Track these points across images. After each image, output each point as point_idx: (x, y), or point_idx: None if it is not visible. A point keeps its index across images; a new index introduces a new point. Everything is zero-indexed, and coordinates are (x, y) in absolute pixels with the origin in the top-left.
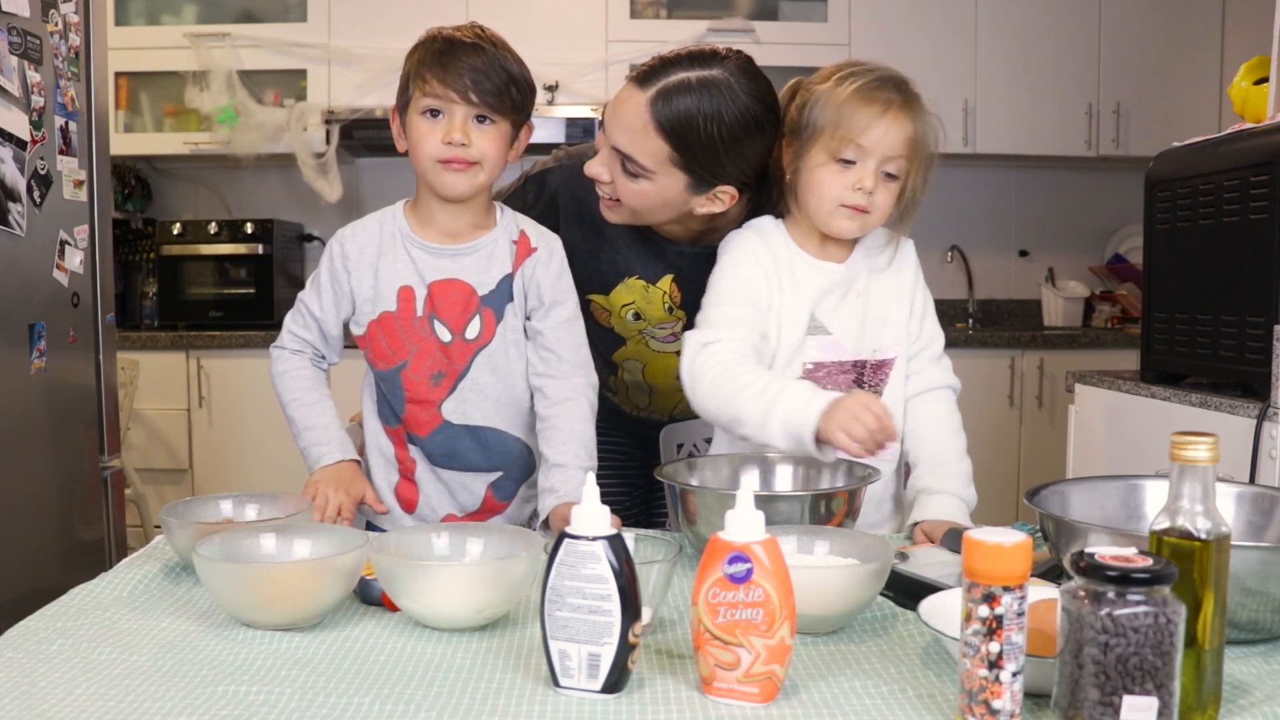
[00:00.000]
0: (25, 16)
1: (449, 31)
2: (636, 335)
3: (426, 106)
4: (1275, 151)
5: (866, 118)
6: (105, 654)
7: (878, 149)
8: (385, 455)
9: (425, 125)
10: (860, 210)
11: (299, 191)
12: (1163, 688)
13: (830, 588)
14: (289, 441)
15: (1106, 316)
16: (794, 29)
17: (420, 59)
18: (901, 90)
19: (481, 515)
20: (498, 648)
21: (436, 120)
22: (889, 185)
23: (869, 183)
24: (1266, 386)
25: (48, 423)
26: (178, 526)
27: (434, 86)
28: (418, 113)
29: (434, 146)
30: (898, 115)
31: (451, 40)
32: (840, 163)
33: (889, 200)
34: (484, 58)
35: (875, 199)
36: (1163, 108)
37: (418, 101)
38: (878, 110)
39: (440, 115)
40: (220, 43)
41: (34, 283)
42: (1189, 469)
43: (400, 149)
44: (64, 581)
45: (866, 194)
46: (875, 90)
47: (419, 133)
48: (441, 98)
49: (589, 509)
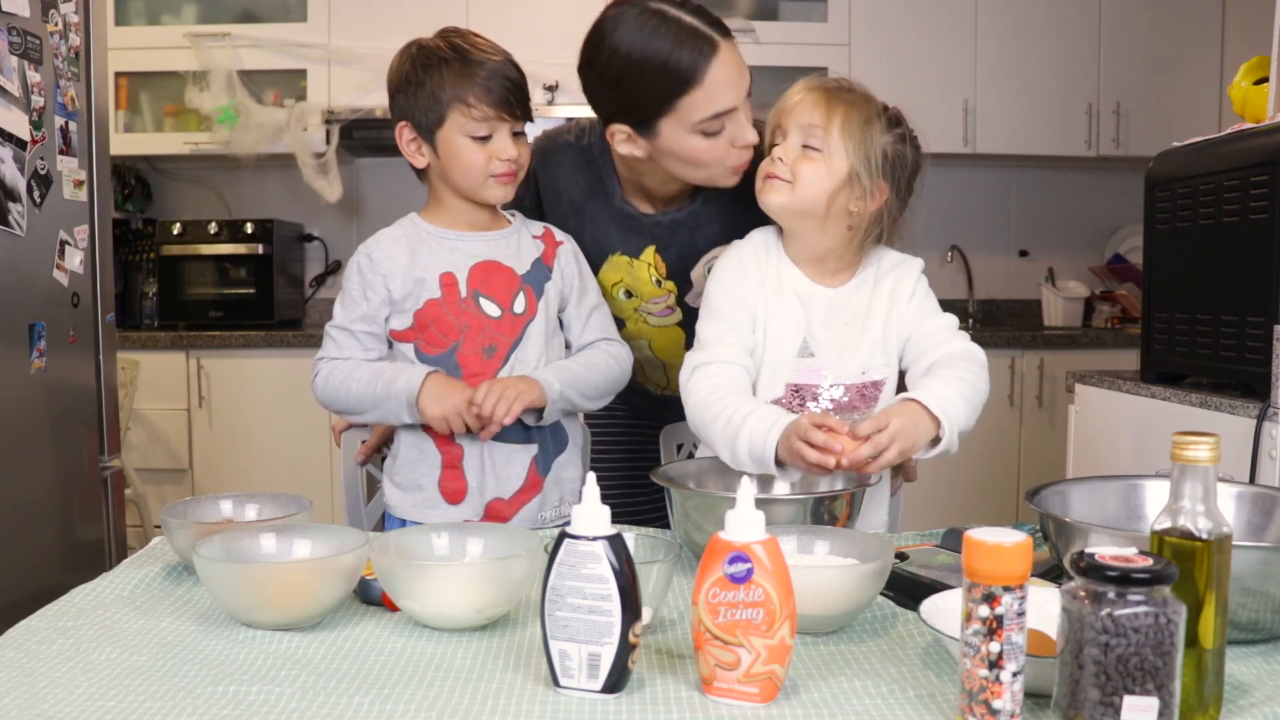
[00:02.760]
0: (25, 16)
1: (458, 43)
2: (633, 314)
3: (475, 132)
4: (1275, 151)
5: (794, 95)
6: (106, 654)
7: (794, 118)
8: (424, 452)
9: (473, 146)
10: (774, 178)
11: (299, 191)
12: (1163, 688)
13: (830, 588)
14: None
15: (1106, 316)
16: (794, 29)
17: (451, 81)
18: (840, 83)
19: (525, 495)
20: (498, 648)
21: (485, 142)
22: (813, 160)
23: (780, 151)
24: (1266, 386)
25: (48, 423)
26: (178, 526)
27: (482, 110)
28: (462, 135)
29: (488, 165)
30: (815, 92)
31: (475, 59)
32: (774, 146)
33: (815, 177)
34: (513, 72)
35: (797, 172)
36: (1163, 108)
37: (461, 124)
38: (801, 89)
39: (489, 137)
40: (220, 43)
41: (34, 283)
42: (1190, 469)
43: (418, 165)
44: (64, 581)
45: (780, 162)
46: (809, 80)
47: (468, 154)
48: (492, 119)
49: (589, 509)
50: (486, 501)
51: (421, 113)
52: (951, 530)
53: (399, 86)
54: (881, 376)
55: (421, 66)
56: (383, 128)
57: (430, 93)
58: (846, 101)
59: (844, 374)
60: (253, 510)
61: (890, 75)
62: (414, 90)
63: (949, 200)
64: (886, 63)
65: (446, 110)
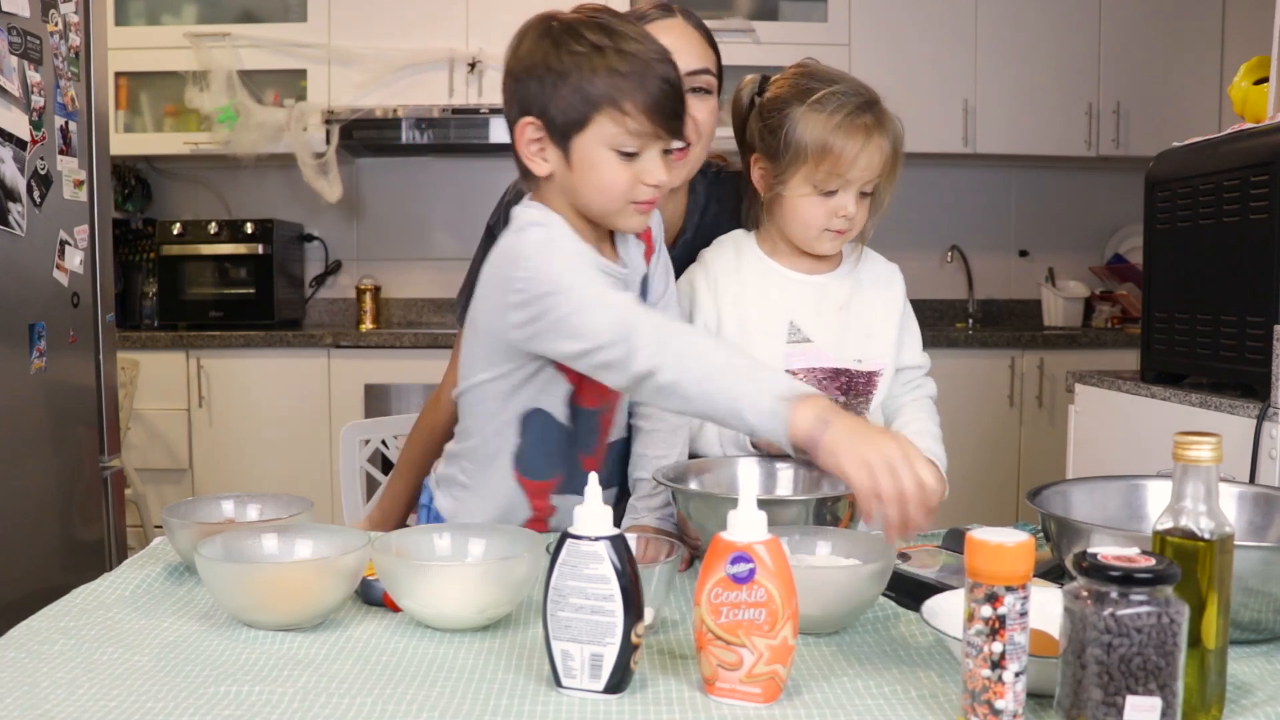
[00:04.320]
0: (25, 16)
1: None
2: None
3: (624, 146)
4: (1275, 151)
5: (852, 150)
6: (107, 654)
7: (860, 178)
8: (511, 501)
9: (617, 161)
10: (843, 232)
11: (299, 191)
12: (1166, 688)
13: (832, 588)
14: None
15: (1106, 316)
16: (794, 29)
17: (606, 77)
18: (874, 110)
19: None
20: (500, 648)
21: (632, 159)
22: (864, 202)
23: (852, 208)
24: (1266, 386)
25: (48, 423)
26: (179, 527)
27: (639, 121)
28: (607, 147)
29: (632, 189)
30: (879, 141)
31: (637, 54)
32: (824, 194)
33: (865, 215)
34: (677, 76)
35: (854, 218)
36: (1163, 108)
37: (609, 134)
38: (860, 140)
39: (638, 154)
40: (220, 43)
41: (34, 283)
42: (1192, 469)
43: (539, 171)
44: (64, 581)
45: (850, 218)
46: (855, 118)
47: (610, 172)
48: (647, 135)
49: (591, 509)
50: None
51: (560, 109)
52: (953, 530)
53: (530, 70)
54: (877, 367)
55: (567, 50)
56: (383, 127)
57: (576, 87)
58: (888, 129)
59: (842, 358)
60: (254, 510)
61: (890, 75)
62: (554, 80)
63: (949, 200)
64: (886, 63)
65: (594, 112)
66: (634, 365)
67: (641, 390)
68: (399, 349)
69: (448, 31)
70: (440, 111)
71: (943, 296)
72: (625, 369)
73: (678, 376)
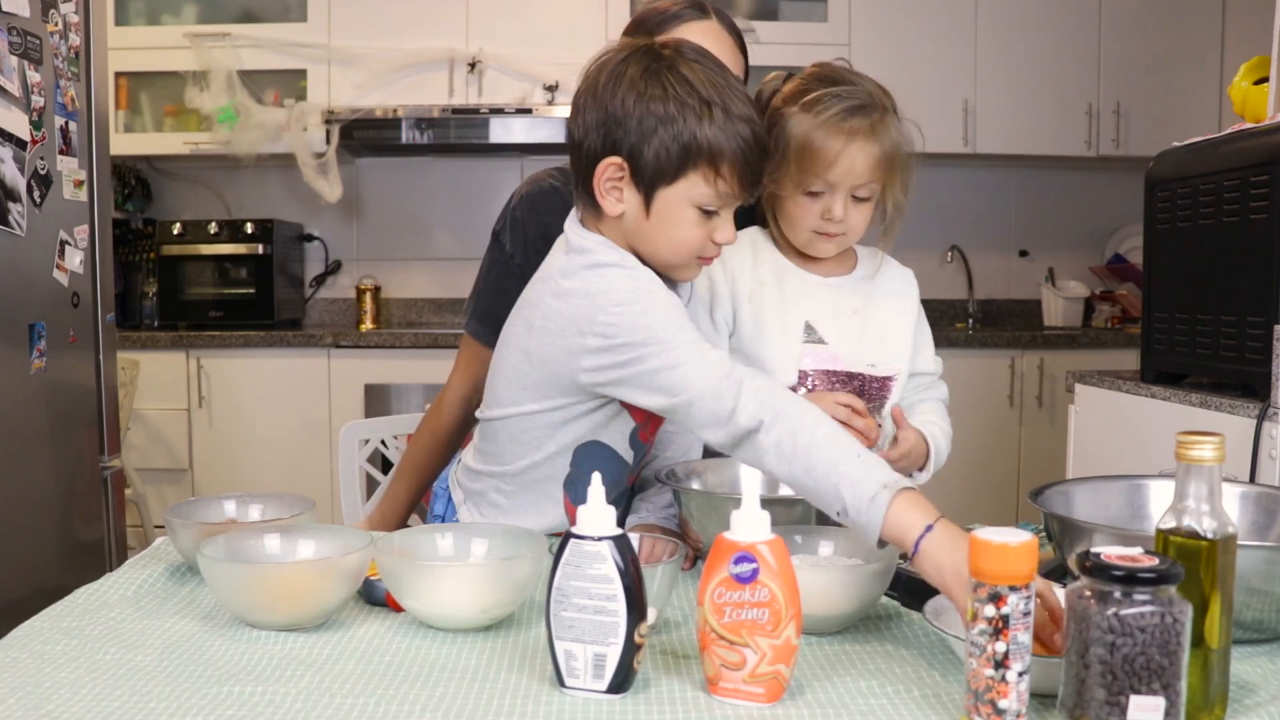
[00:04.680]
0: (25, 16)
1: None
2: None
3: (707, 204)
4: (1275, 151)
5: (831, 153)
6: (110, 654)
7: (844, 181)
8: (551, 527)
9: (697, 219)
10: (833, 235)
11: (299, 191)
12: (1169, 687)
13: (835, 588)
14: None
15: (1106, 316)
16: (794, 29)
17: (710, 137)
18: (867, 114)
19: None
20: (503, 648)
21: (710, 217)
22: (861, 206)
23: (838, 211)
24: (1267, 386)
25: (48, 423)
26: (182, 527)
27: (730, 186)
28: (691, 204)
29: (702, 246)
30: (863, 144)
31: (741, 116)
32: (810, 195)
33: (863, 218)
34: (766, 138)
35: (848, 222)
36: (1163, 108)
37: (698, 193)
38: (841, 143)
39: (716, 213)
40: (220, 43)
41: (34, 283)
42: (1195, 468)
43: (610, 211)
44: (64, 581)
45: (837, 221)
46: (839, 122)
47: (688, 229)
48: (732, 197)
49: (594, 509)
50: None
51: (652, 157)
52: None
53: (627, 111)
54: (891, 373)
55: (676, 100)
56: (382, 127)
57: (676, 138)
58: (882, 132)
59: (855, 363)
60: (256, 510)
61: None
62: (654, 125)
63: (949, 200)
64: (886, 63)
65: (688, 169)
66: (738, 420)
67: (742, 447)
68: (399, 349)
69: (448, 31)
70: (440, 111)
71: (943, 296)
72: (725, 424)
73: (781, 439)
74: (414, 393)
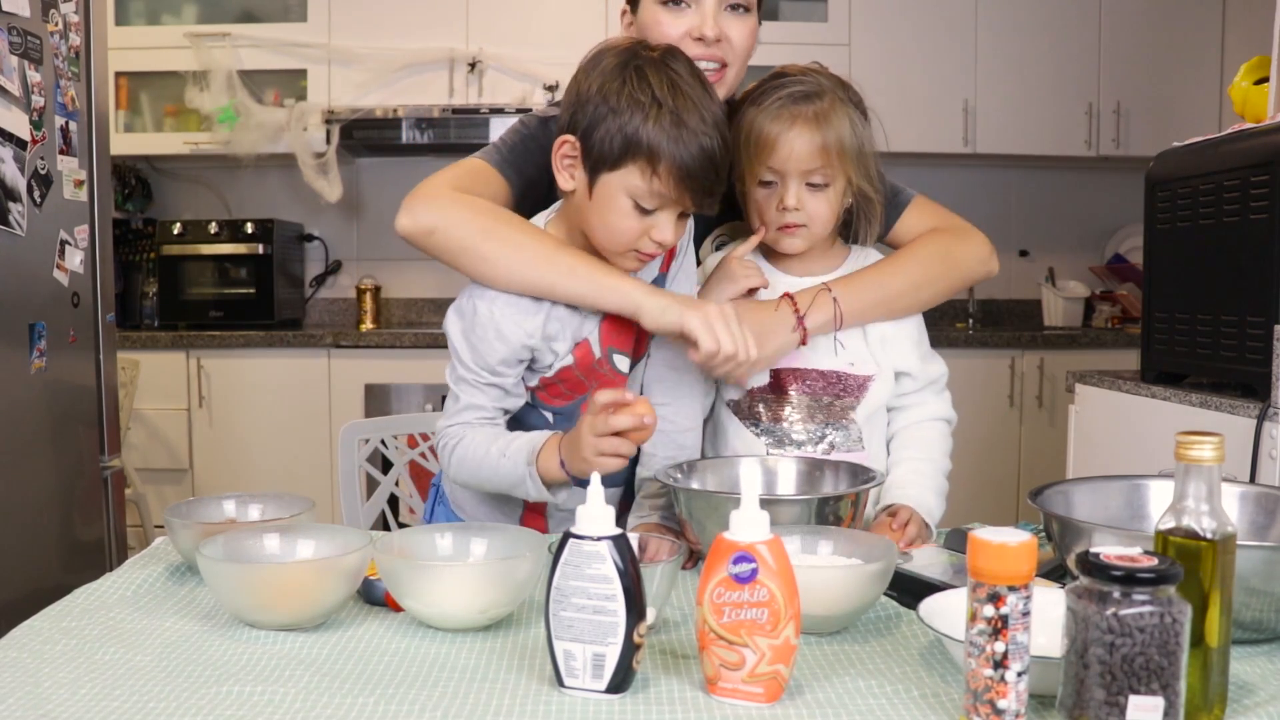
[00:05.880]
0: (25, 16)
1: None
2: None
3: (643, 202)
4: (1275, 151)
5: (771, 137)
6: (109, 654)
7: (789, 165)
8: (503, 500)
9: (632, 211)
10: (795, 227)
11: (299, 191)
12: (1168, 688)
13: (834, 588)
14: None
15: (1107, 316)
16: (794, 29)
17: (651, 135)
18: (810, 101)
19: None
20: (502, 648)
21: (647, 214)
22: (819, 194)
23: (791, 200)
24: (1267, 386)
25: (48, 422)
26: (181, 527)
27: (666, 187)
28: (627, 195)
29: (638, 240)
30: (803, 129)
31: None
32: (764, 185)
33: (823, 207)
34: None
35: (808, 211)
36: (1163, 107)
37: (633, 185)
38: (782, 127)
39: (654, 212)
40: (220, 43)
41: (34, 282)
42: (1194, 468)
43: (563, 186)
44: (64, 581)
45: (794, 211)
46: (780, 108)
47: (622, 219)
48: (668, 199)
49: (593, 509)
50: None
51: (599, 142)
52: (955, 530)
53: (589, 96)
54: (870, 372)
55: (629, 96)
56: (383, 127)
57: (621, 129)
58: (829, 118)
59: (836, 363)
60: (256, 510)
61: (890, 75)
62: (606, 113)
63: (948, 200)
64: (886, 63)
65: (628, 160)
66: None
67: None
68: (399, 349)
69: (448, 31)
70: (440, 111)
71: None
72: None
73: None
74: (414, 393)
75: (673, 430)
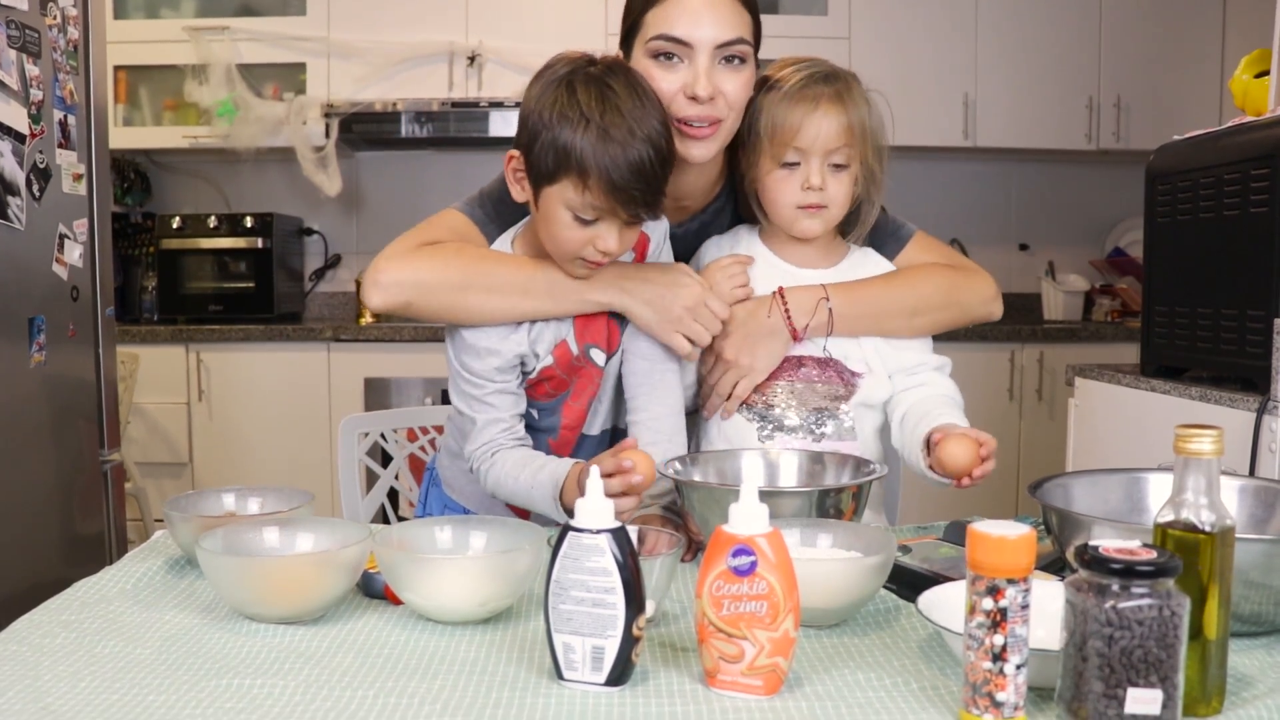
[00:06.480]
0: (24, 10)
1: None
2: None
3: (581, 213)
4: (1276, 145)
5: (797, 117)
6: (109, 647)
7: (816, 144)
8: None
9: (573, 222)
10: (817, 207)
11: (299, 185)
12: (1167, 680)
13: (833, 580)
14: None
15: (1107, 310)
16: (794, 22)
17: (580, 149)
18: (830, 82)
19: None
20: (501, 641)
21: (589, 225)
22: (839, 175)
23: (816, 179)
24: (1267, 380)
25: (48, 417)
26: (181, 520)
27: (598, 199)
28: (566, 207)
29: (583, 249)
30: (829, 108)
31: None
32: (786, 166)
33: (843, 189)
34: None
35: (829, 193)
36: (1163, 101)
37: (569, 197)
38: (808, 108)
39: (595, 222)
40: (219, 36)
41: (33, 276)
42: (1193, 462)
43: (516, 198)
44: (64, 575)
45: (818, 191)
46: (803, 89)
47: (565, 230)
48: (604, 211)
49: (592, 502)
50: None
51: (537, 157)
52: (954, 523)
53: (529, 110)
54: (861, 369)
55: (559, 110)
56: (382, 121)
57: (553, 144)
58: (849, 99)
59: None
60: (255, 504)
61: (890, 69)
62: (540, 128)
63: (949, 193)
64: (886, 56)
65: (561, 174)
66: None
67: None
68: (398, 342)
69: (447, 25)
70: (440, 105)
71: None
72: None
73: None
74: (413, 386)
75: (648, 419)
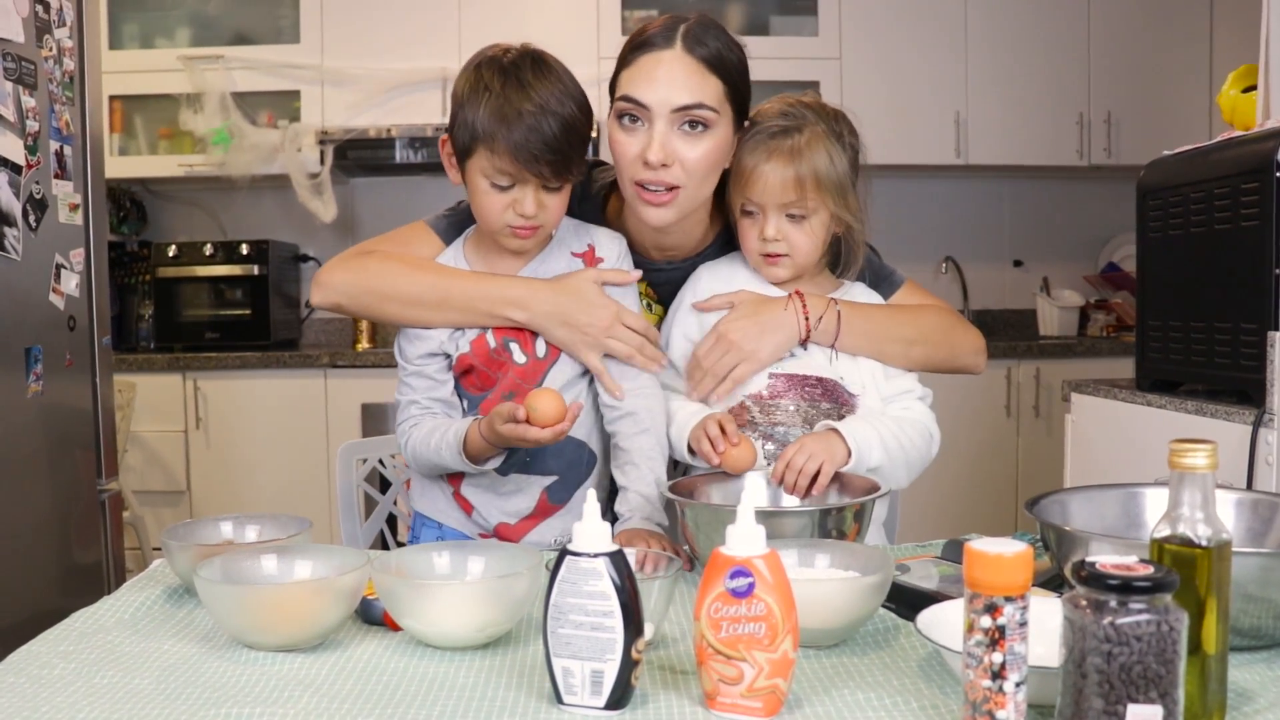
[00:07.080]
0: (19, 41)
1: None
2: None
3: (496, 180)
4: (1265, 159)
5: (748, 168)
6: (108, 678)
7: (766, 198)
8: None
9: (493, 191)
10: (776, 256)
11: (294, 212)
12: (1167, 696)
13: (832, 601)
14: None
15: (1101, 325)
16: (785, 44)
17: (486, 118)
18: (788, 135)
19: (533, 520)
20: (500, 666)
21: (506, 191)
22: (800, 225)
23: (770, 230)
24: (1261, 392)
25: (45, 446)
26: (178, 549)
27: (506, 164)
28: (483, 176)
29: (505, 214)
30: (778, 163)
31: (515, 105)
32: (746, 215)
33: (806, 239)
34: (554, 128)
35: (790, 241)
36: (1153, 117)
37: (483, 167)
38: (759, 159)
39: (511, 187)
40: (213, 65)
41: (30, 306)
42: (1188, 476)
43: (454, 181)
44: (62, 604)
45: (774, 241)
46: (759, 141)
47: (486, 198)
48: (514, 175)
49: (589, 526)
50: (494, 524)
51: (456, 134)
52: (951, 541)
53: (454, 95)
54: (858, 392)
55: (470, 87)
56: (376, 147)
57: (466, 120)
58: (806, 152)
59: (827, 372)
60: (253, 531)
61: (882, 88)
62: (456, 108)
63: (942, 211)
64: (878, 76)
65: (474, 145)
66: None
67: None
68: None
69: (440, 51)
70: (434, 130)
71: None
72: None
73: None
74: None
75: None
